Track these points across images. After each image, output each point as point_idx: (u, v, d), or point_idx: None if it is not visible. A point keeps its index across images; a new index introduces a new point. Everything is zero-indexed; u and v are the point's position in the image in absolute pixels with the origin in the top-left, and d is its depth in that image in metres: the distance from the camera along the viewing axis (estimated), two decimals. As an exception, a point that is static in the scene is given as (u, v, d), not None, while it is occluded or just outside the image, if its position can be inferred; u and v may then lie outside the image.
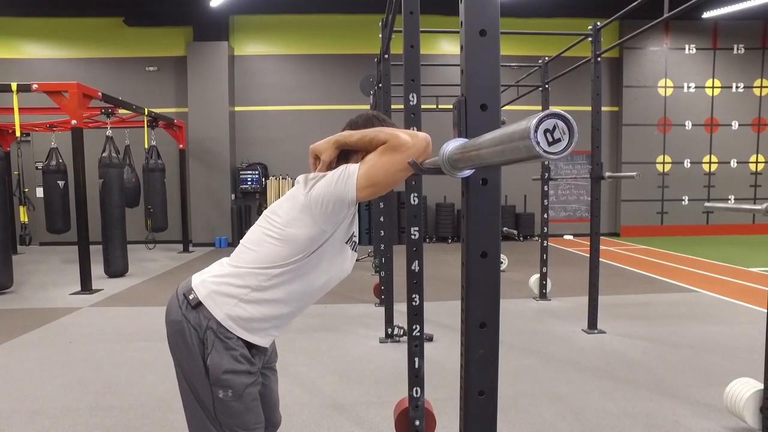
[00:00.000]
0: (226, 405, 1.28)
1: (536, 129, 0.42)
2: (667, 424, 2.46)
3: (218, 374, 1.26)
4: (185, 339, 1.29)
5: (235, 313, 1.28)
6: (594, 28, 3.97)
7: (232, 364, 1.27)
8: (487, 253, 0.90)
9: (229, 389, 1.27)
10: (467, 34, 0.88)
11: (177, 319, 1.31)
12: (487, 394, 0.94)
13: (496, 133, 0.55)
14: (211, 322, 1.27)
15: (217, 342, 1.27)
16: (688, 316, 4.44)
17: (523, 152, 0.45)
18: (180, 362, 1.33)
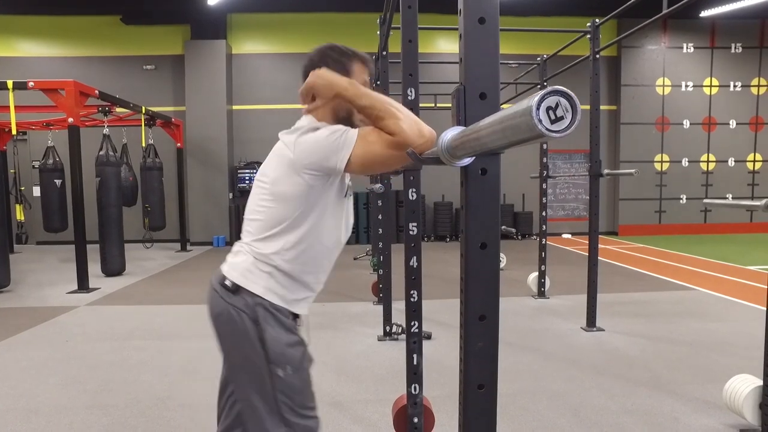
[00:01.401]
0: (287, 383, 1.27)
1: (538, 106, 0.41)
2: (666, 421, 2.45)
3: (278, 350, 1.26)
4: (237, 326, 1.28)
5: (271, 285, 1.29)
6: (593, 25, 3.96)
7: (288, 336, 1.29)
8: (487, 244, 0.89)
9: (287, 365, 1.27)
10: (466, 21, 0.87)
11: (222, 309, 1.30)
12: (486, 388, 0.93)
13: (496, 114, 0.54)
14: (257, 298, 1.27)
15: (269, 316, 1.27)
16: (687, 313, 4.43)
17: (525, 132, 0.44)
18: (233, 355, 1.31)
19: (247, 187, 9.83)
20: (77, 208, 5.53)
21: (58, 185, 7.65)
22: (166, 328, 4.13)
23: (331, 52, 1.37)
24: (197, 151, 9.62)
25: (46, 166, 7.58)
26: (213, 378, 3.07)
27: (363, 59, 1.38)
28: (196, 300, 5.13)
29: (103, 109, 6.51)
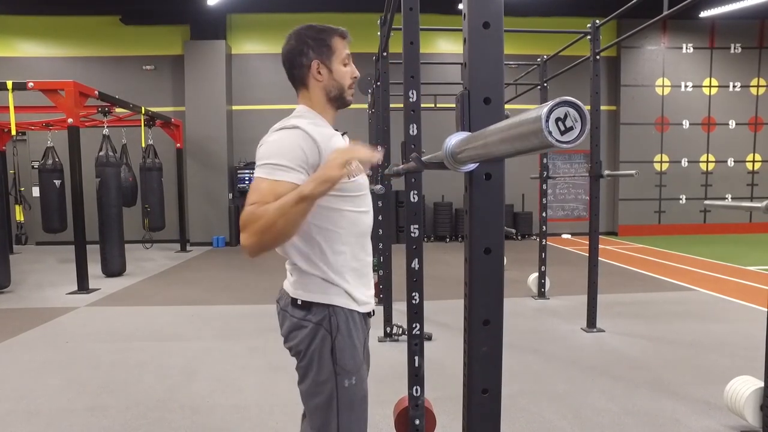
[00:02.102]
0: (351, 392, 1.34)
1: (548, 118, 0.41)
2: (667, 423, 2.45)
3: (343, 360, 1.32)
4: (309, 340, 1.33)
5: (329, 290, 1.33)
6: (593, 26, 3.96)
7: (352, 346, 1.34)
8: (491, 249, 0.89)
9: (353, 375, 1.33)
10: (470, 26, 0.87)
11: (294, 327, 1.36)
12: (490, 393, 0.93)
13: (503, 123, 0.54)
14: (326, 309, 1.32)
15: (339, 324, 1.32)
16: (687, 314, 4.44)
17: (535, 142, 0.44)
18: (309, 367, 1.35)
19: (246, 188, 9.83)
20: (77, 209, 5.52)
21: (57, 186, 7.64)
22: (166, 329, 4.13)
23: (307, 33, 1.35)
24: (197, 151, 9.61)
25: (45, 167, 7.58)
26: (213, 379, 3.09)
27: (341, 33, 1.37)
28: (197, 301, 5.13)
29: (103, 109, 6.51)
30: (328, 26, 1.37)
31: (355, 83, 1.40)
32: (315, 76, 1.34)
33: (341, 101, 1.37)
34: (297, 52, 1.34)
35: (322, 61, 1.33)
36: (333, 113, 1.39)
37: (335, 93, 1.35)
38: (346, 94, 1.37)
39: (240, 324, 4.27)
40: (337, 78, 1.34)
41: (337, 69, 1.34)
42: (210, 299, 5.19)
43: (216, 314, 4.61)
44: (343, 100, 1.37)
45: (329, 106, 1.37)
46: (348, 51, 1.37)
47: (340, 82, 1.35)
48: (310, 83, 1.35)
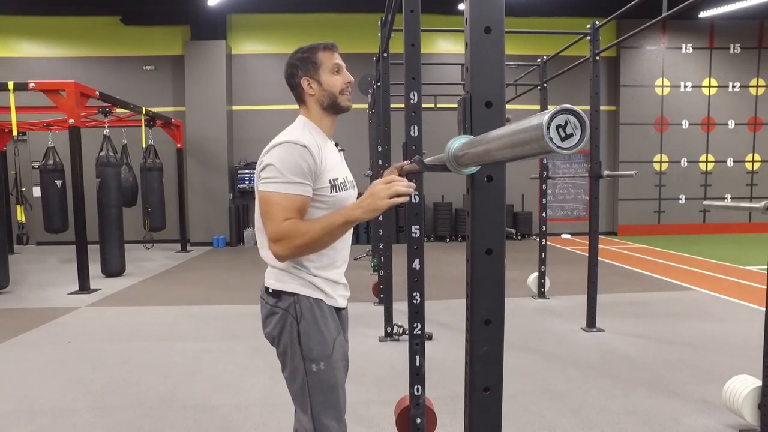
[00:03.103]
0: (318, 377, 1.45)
1: (549, 125, 0.43)
2: (666, 422, 2.47)
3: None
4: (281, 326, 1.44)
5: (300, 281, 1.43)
6: (593, 27, 3.98)
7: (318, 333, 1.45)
8: (492, 250, 0.91)
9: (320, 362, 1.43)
10: (472, 31, 0.88)
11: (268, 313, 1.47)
12: (492, 391, 0.94)
13: (505, 129, 0.56)
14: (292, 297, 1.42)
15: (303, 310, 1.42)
16: (686, 314, 4.45)
17: (536, 148, 0.45)
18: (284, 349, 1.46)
19: (247, 188, 9.84)
20: (78, 209, 5.54)
21: (58, 186, 7.65)
22: (167, 329, 4.15)
23: (295, 56, 1.49)
24: (197, 151, 9.63)
25: (46, 167, 7.59)
26: (215, 379, 3.10)
27: (325, 46, 1.47)
28: (197, 301, 5.14)
29: (104, 110, 6.52)
30: (314, 44, 1.48)
31: (352, 87, 1.48)
32: (308, 92, 1.46)
33: (336, 108, 1.47)
34: (289, 74, 1.48)
35: (310, 76, 1.45)
36: (331, 120, 1.49)
37: (328, 102, 1.45)
38: (340, 101, 1.46)
39: (240, 324, 4.28)
40: (326, 88, 1.44)
41: (326, 80, 1.44)
42: (211, 299, 5.20)
43: (217, 314, 4.62)
44: (337, 107, 1.46)
45: (325, 114, 1.47)
46: (337, 60, 1.46)
47: (331, 90, 1.44)
48: (306, 98, 1.47)
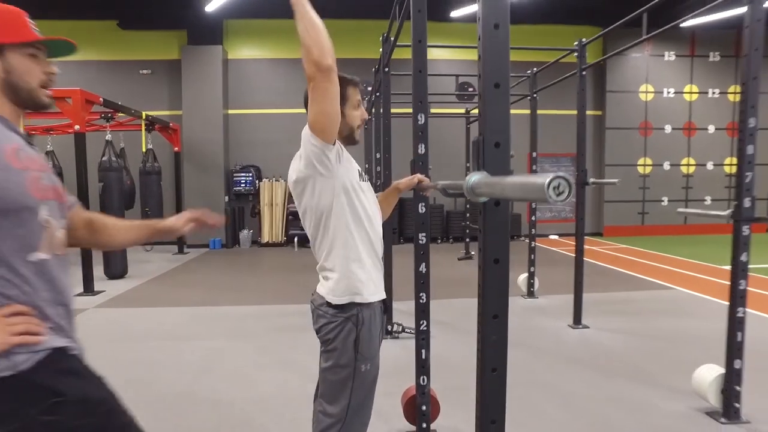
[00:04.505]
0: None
1: (548, 186, 0.66)
2: (643, 407, 2.74)
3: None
4: (338, 331, 1.60)
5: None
6: (579, 44, 4.25)
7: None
8: (499, 260, 1.15)
9: (368, 362, 1.62)
10: (485, 85, 1.12)
11: (327, 321, 1.63)
12: (498, 371, 1.18)
13: (516, 179, 0.80)
14: (356, 307, 1.61)
15: (363, 318, 1.61)
16: (665, 311, 4.76)
17: (537, 198, 0.69)
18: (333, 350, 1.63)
19: (242, 190, 10.01)
20: (83, 213, 5.68)
21: (57, 189, 7.76)
22: (176, 329, 4.34)
23: None
24: (194, 154, 9.77)
25: (45, 170, 7.69)
26: (229, 375, 3.32)
27: (355, 82, 1.66)
28: (202, 302, 5.33)
29: (106, 115, 6.66)
30: (344, 76, 1.63)
31: (363, 124, 1.69)
32: None
33: (351, 139, 1.68)
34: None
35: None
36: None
37: (347, 133, 1.65)
38: (356, 134, 1.67)
39: (247, 324, 4.49)
40: (348, 121, 1.64)
41: (350, 113, 1.64)
42: (215, 300, 5.39)
43: (222, 315, 4.82)
44: (352, 139, 1.68)
45: (343, 144, 1.65)
46: (359, 96, 1.66)
47: (351, 124, 1.65)
48: None
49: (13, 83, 1.11)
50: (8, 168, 1.04)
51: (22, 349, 1.04)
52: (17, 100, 1.13)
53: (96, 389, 1.18)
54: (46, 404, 1.03)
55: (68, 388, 1.08)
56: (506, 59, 1.14)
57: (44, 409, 1.02)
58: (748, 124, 2.25)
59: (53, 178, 1.19)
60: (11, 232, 1.04)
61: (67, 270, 1.20)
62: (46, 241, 1.11)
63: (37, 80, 1.14)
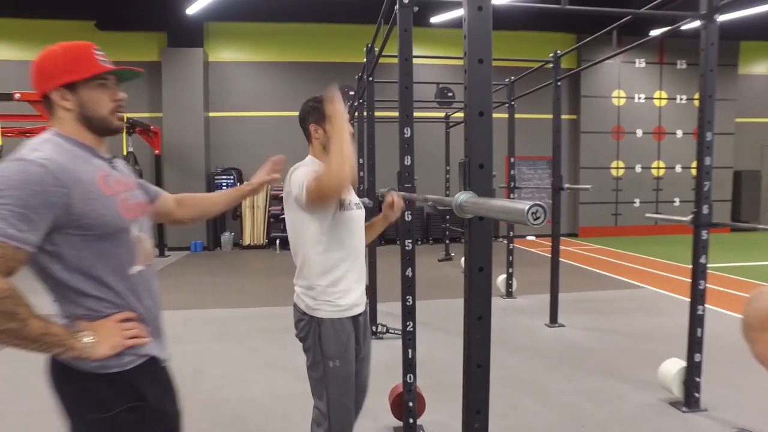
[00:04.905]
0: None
1: (527, 212, 0.80)
2: (613, 399, 2.95)
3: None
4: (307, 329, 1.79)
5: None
6: (555, 55, 4.46)
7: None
8: (483, 268, 1.29)
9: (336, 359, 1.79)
10: (470, 115, 1.27)
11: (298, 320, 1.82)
12: (482, 367, 1.33)
13: (500, 204, 0.94)
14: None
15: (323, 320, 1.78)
16: (636, 309, 5.02)
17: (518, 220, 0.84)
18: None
19: (224, 193, 10.00)
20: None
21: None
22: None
23: (309, 103, 1.83)
24: (175, 157, 9.73)
25: (22, 173, 7.58)
26: (219, 377, 3.41)
27: None
28: (188, 305, 5.37)
29: (87, 118, 6.61)
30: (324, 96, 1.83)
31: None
32: (314, 135, 1.82)
33: None
34: (302, 118, 1.84)
35: (318, 124, 1.80)
36: None
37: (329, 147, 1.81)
38: None
39: (234, 327, 4.56)
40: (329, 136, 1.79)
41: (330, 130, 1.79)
42: (200, 303, 5.44)
43: (209, 318, 4.88)
44: None
45: (326, 156, 1.81)
46: None
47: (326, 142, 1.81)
48: (312, 140, 1.84)
49: (87, 115, 1.19)
50: (102, 196, 1.15)
51: (130, 351, 1.18)
52: (93, 129, 1.21)
53: (170, 404, 1.31)
54: (130, 404, 1.16)
55: (151, 395, 1.20)
56: (489, 91, 1.28)
57: (128, 408, 1.15)
58: (706, 138, 2.46)
59: (137, 194, 1.31)
60: (111, 252, 1.16)
61: (157, 277, 1.34)
62: (140, 254, 1.24)
63: (107, 109, 1.22)
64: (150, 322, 1.26)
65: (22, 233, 1.01)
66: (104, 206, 1.14)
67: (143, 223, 1.29)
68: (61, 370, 1.15)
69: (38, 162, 1.05)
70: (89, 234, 1.12)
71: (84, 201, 1.10)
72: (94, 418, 1.14)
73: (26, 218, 1.01)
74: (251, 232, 10.07)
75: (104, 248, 1.15)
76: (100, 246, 1.14)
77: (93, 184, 1.14)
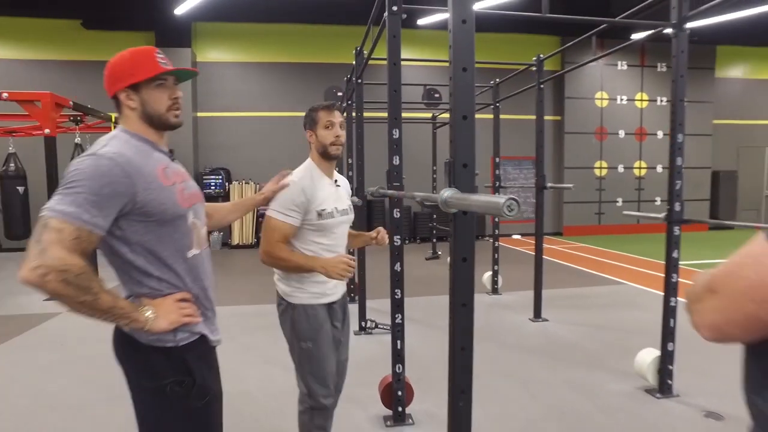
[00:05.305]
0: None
1: (503, 205, 0.92)
2: (593, 389, 3.09)
3: None
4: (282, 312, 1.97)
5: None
6: (538, 59, 4.60)
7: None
8: (466, 259, 1.41)
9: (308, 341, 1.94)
10: (455, 119, 1.38)
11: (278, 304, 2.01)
12: (466, 349, 1.44)
13: (481, 198, 1.06)
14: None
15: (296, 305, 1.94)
16: (616, 304, 5.20)
17: (495, 212, 0.95)
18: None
19: (212, 193, 10.01)
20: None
21: (20, 192, 7.60)
22: (155, 330, 4.43)
23: (306, 113, 2.00)
24: (162, 157, 9.71)
25: (7, 173, 7.51)
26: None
27: (324, 107, 1.97)
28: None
29: (75, 118, 6.61)
30: (319, 104, 2.01)
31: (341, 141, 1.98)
32: (310, 140, 1.99)
33: (327, 155, 1.99)
34: (303, 125, 2.02)
35: (312, 129, 1.97)
36: (327, 164, 2.01)
37: (321, 150, 1.98)
38: (329, 150, 1.97)
39: (227, 323, 4.59)
40: (320, 139, 1.97)
41: (320, 133, 1.97)
42: (190, 302, 5.48)
43: (200, 315, 4.93)
44: (327, 155, 1.99)
45: (322, 159, 2.00)
46: (330, 118, 1.96)
47: (322, 142, 1.97)
48: (310, 146, 2.00)
49: (148, 112, 1.33)
50: (162, 187, 1.28)
51: (185, 329, 1.31)
52: (153, 125, 1.35)
53: (213, 382, 1.41)
54: (179, 378, 1.29)
55: (197, 372, 1.33)
56: (472, 96, 1.40)
57: (176, 381, 1.29)
58: (677, 140, 2.61)
59: (191, 184, 1.44)
60: (170, 237, 1.30)
61: (210, 260, 1.48)
62: (195, 239, 1.38)
63: (165, 106, 1.35)
64: (204, 302, 1.39)
65: (95, 218, 1.14)
66: (163, 195, 1.27)
67: (198, 210, 1.42)
68: (126, 342, 1.30)
69: (108, 156, 1.19)
70: (150, 220, 1.25)
71: (146, 191, 1.23)
72: (147, 385, 1.29)
73: (98, 205, 1.14)
74: (240, 232, 10.10)
75: (164, 233, 1.28)
76: (160, 231, 1.27)
77: (154, 175, 1.27)
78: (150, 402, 1.31)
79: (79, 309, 1.13)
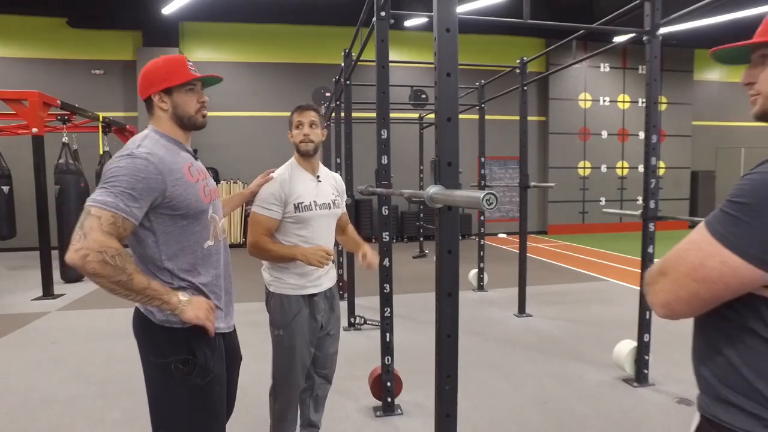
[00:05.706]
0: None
1: (482, 199, 1.02)
2: (574, 379, 3.22)
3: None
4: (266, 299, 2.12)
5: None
6: (521, 62, 4.73)
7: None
8: (451, 251, 1.51)
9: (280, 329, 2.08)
10: (439, 120, 1.49)
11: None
12: (452, 337, 1.55)
13: (463, 194, 1.16)
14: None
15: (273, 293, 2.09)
16: (597, 300, 5.36)
17: (475, 206, 1.05)
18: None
19: (200, 192, 10.01)
20: (42, 216, 5.65)
21: (5, 192, 7.54)
22: (146, 328, 4.46)
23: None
24: (149, 156, 9.67)
25: (-8, 173, 7.45)
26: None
27: (296, 109, 2.12)
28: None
29: (62, 117, 6.59)
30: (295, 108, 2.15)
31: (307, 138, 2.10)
32: (289, 140, 2.14)
33: (300, 152, 2.13)
34: None
35: (290, 130, 2.14)
36: (305, 160, 2.13)
37: (296, 148, 2.13)
38: (299, 147, 2.12)
39: (216, 321, 4.67)
40: (293, 140, 2.13)
41: (293, 132, 2.14)
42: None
43: (190, 313, 4.97)
44: (300, 152, 2.13)
45: (299, 156, 2.14)
46: (300, 118, 2.11)
47: (294, 140, 2.13)
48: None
49: (179, 114, 1.48)
50: (187, 183, 1.42)
51: None
52: (182, 125, 1.50)
53: (215, 364, 1.51)
54: (183, 357, 1.43)
55: (200, 353, 1.45)
56: (456, 100, 1.50)
57: (180, 359, 1.43)
58: (651, 140, 2.75)
59: (211, 181, 1.58)
60: (191, 228, 1.45)
61: (227, 249, 1.64)
62: (212, 231, 1.52)
63: (194, 108, 1.50)
64: (217, 289, 1.52)
65: (131, 208, 1.29)
66: (189, 191, 1.41)
67: (216, 205, 1.57)
68: (141, 320, 1.46)
69: (143, 156, 1.34)
70: (176, 214, 1.40)
71: (174, 186, 1.37)
72: (154, 361, 1.43)
73: (134, 198, 1.29)
74: (228, 231, 10.11)
75: (186, 225, 1.43)
76: (183, 223, 1.42)
77: (181, 172, 1.41)
78: (157, 377, 1.45)
79: (115, 289, 1.26)
